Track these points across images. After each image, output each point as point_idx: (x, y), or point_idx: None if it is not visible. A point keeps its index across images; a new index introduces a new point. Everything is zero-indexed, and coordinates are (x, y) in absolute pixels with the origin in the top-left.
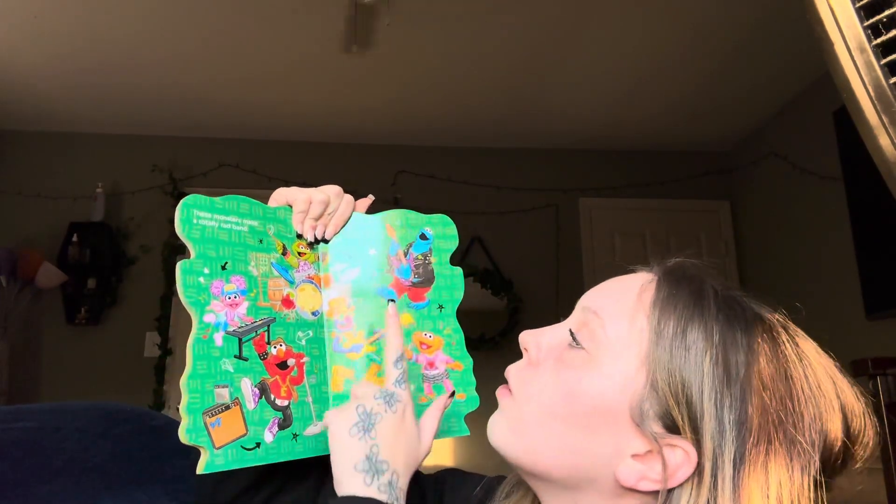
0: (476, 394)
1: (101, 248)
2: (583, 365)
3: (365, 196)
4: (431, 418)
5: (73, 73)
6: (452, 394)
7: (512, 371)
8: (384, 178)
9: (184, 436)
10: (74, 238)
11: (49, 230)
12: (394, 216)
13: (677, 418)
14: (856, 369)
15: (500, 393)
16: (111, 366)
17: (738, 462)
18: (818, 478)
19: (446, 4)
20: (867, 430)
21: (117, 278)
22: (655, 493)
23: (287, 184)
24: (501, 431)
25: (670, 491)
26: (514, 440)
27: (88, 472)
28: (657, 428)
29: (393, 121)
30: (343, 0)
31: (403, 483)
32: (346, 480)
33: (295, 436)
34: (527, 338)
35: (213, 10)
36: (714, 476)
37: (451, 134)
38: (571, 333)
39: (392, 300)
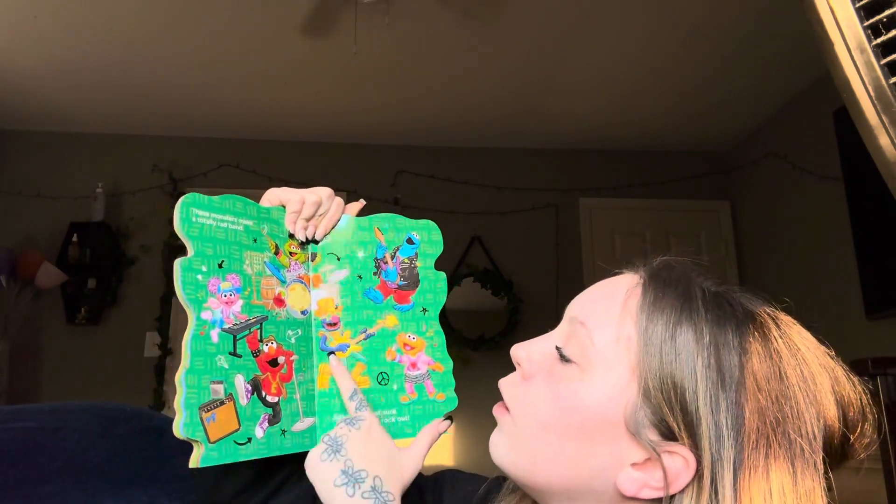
0: (455, 395)
1: (101, 248)
2: (575, 377)
3: (360, 199)
4: (425, 436)
5: (73, 73)
6: (448, 425)
7: (504, 386)
8: (384, 178)
9: (179, 430)
10: (74, 238)
11: (49, 230)
12: (382, 220)
13: (672, 425)
14: (856, 369)
15: (498, 411)
16: (111, 366)
17: (738, 466)
18: (822, 478)
19: (446, 4)
20: (866, 420)
21: (117, 278)
22: (655, 499)
23: (287, 184)
24: (503, 450)
25: (671, 497)
26: (513, 456)
27: (88, 472)
28: (653, 436)
29: (393, 121)
30: (344, 0)
31: (392, 487)
32: (330, 500)
33: (283, 431)
34: (518, 351)
35: (213, 10)
36: (713, 482)
37: (451, 134)
38: (559, 349)
39: (333, 353)
